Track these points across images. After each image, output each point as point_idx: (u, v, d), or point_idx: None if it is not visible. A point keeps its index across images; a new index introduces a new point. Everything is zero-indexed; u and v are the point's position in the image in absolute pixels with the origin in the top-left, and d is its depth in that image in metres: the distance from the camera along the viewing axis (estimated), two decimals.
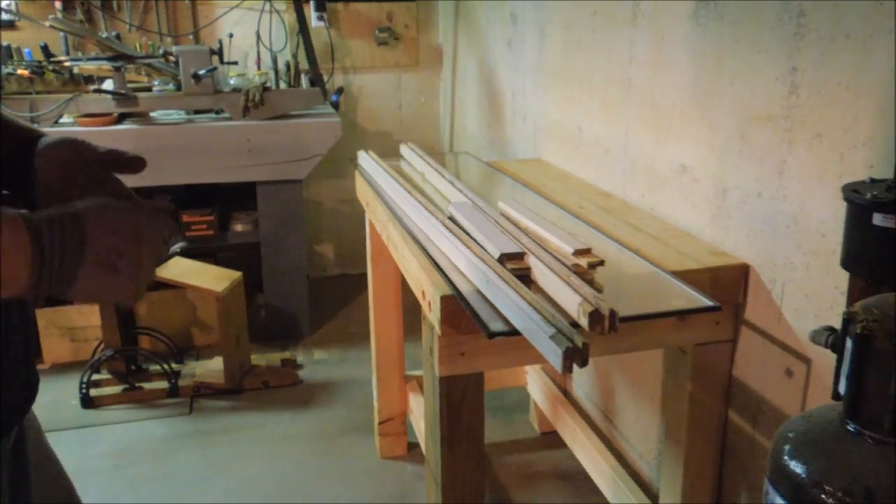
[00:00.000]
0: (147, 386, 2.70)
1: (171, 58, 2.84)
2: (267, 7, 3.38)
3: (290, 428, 2.52)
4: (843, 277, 1.08)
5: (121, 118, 2.87)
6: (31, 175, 0.83)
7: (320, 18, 3.36)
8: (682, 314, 1.32)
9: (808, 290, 1.32)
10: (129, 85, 2.86)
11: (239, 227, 3.09)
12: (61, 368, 2.84)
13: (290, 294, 3.11)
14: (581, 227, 1.62)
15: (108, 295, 0.69)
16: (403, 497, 2.17)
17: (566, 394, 2.38)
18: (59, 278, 0.64)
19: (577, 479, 2.17)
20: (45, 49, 2.89)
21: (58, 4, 3.14)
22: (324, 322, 3.31)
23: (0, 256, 0.59)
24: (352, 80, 3.65)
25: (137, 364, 2.73)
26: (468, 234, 1.43)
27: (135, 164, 0.86)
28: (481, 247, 1.35)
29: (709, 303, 1.24)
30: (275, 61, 3.40)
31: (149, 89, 2.95)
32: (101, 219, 0.67)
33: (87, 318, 2.88)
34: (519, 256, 1.31)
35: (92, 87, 2.78)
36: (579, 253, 1.33)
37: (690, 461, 1.52)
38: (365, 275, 2.31)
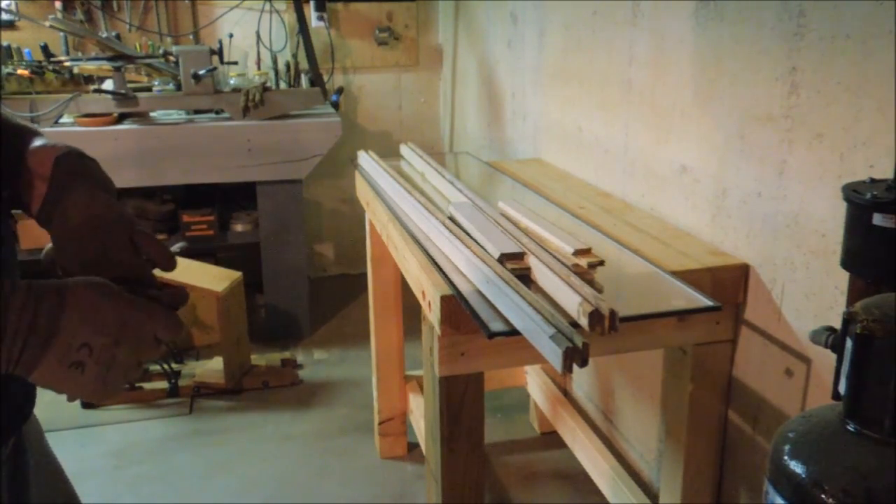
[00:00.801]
0: (147, 386, 2.69)
1: (171, 58, 2.84)
2: (267, 7, 3.38)
3: (290, 428, 2.52)
4: (843, 277, 1.08)
5: (121, 118, 2.86)
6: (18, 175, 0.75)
7: (320, 18, 3.36)
8: (682, 314, 1.32)
9: (808, 290, 1.32)
10: (129, 85, 2.86)
11: (239, 227, 3.09)
12: None
13: (290, 294, 3.11)
14: (581, 227, 1.62)
15: (67, 391, 0.62)
16: (403, 497, 2.17)
17: (566, 394, 2.38)
18: (18, 363, 0.59)
19: (577, 479, 2.17)
20: (45, 49, 2.89)
21: (58, 4, 3.14)
22: (324, 322, 3.31)
23: None
24: (352, 80, 3.65)
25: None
26: (468, 234, 1.43)
27: (166, 263, 0.74)
28: (481, 247, 1.35)
29: (709, 303, 1.25)
30: (275, 61, 3.40)
31: (149, 89, 2.95)
32: (83, 307, 0.60)
33: None
34: (519, 256, 1.31)
35: (92, 87, 2.78)
36: (579, 253, 1.33)
37: (690, 461, 1.52)
38: (365, 275, 2.31)
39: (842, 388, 0.80)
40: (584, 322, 1.10)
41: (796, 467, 0.77)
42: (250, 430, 2.51)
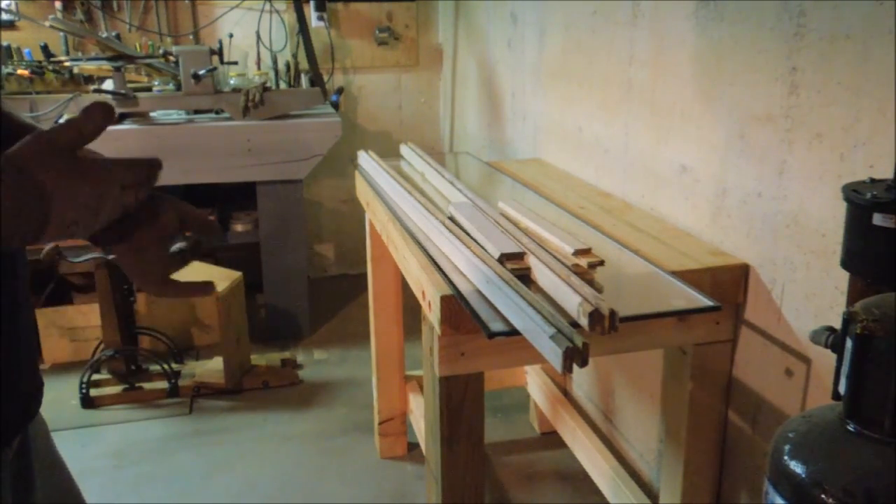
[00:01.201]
0: (147, 386, 2.69)
1: (171, 58, 2.84)
2: (267, 7, 3.38)
3: (290, 428, 2.52)
4: (843, 277, 1.08)
5: (121, 118, 2.86)
6: None
7: (320, 18, 3.36)
8: (682, 314, 1.32)
9: (808, 290, 1.32)
10: (129, 85, 2.86)
11: (239, 227, 3.09)
12: (61, 368, 2.84)
13: (290, 294, 3.11)
14: (581, 227, 1.62)
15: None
16: (403, 497, 2.17)
17: (566, 394, 2.38)
18: (19, 244, 0.64)
19: (577, 479, 2.17)
20: (45, 49, 2.89)
21: (58, 4, 3.14)
22: (324, 322, 3.31)
23: None
24: (352, 80, 3.65)
25: (137, 364, 2.73)
26: (468, 234, 1.43)
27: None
28: (481, 247, 1.36)
29: (709, 303, 1.25)
30: (275, 61, 3.40)
31: (149, 89, 2.95)
32: (65, 195, 0.64)
33: (87, 318, 2.88)
34: (519, 256, 1.31)
35: (92, 87, 2.79)
36: (579, 253, 1.33)
37: (690, 461, 1.52)
38: (365, 275, 2.31)
39: (842, 388, 0.80)
40: (584, 322, 1.10)
41: (796, 467, 0.77)
42: (250, 430, 2.51)
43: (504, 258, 1.30)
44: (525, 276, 1.27)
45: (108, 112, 0.67)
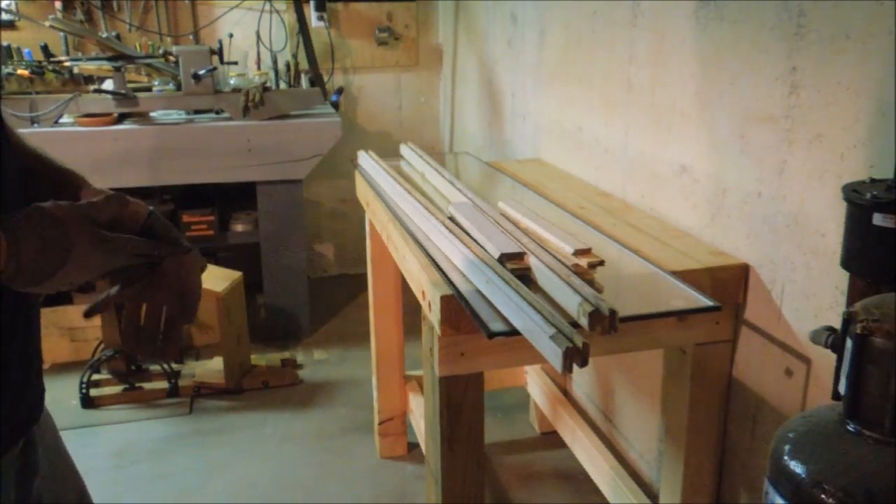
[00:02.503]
0: (147, 386, 2.69)
1: (171, 58, 2.84)
2: (267, 7, 3.38)
3: (290, 428, 2.52)
4: (843, 277, 1.09)
5: (121, 118, 2.86)
6: None
7: (320, 18, 3.36)
8: (682, 314, 1.32)
9: (808, 290, 1.32)
10: (129, 85, 2.86)
11: (239, 227, 3.09)
12: (61, 368, 2.84)
13: (290, 294, 3.11)
14: (581, 227, 1.62)
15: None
16: (403, 497, 2.17)
17: (566, 394, 2.38)
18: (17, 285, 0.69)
19: (577, 479, 2.17)
20: (45, 49, 2.89)
21: (58, 4, 3.14)
22: (324, 322, 3.31)
23: None
24: (352, 80, 3.65)
25: (137, 364, 2.73)
26: (468, 234, 1.43)
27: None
28: (481, 247, 1.36)
29: (709, 303, 1.25)
30: (275, 61, 3.40)
31: (149, 89, 2.95)
32: (79, 262, 0.70)
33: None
34: (519, 256, 1.31)
35: (92, 87, 2.78)
36: (579, 253, 1.33)
37: (690, 461, 1.52)
38: (365, 275, 2.31)
39: (842, 388, 0.81)
40: (584, 322, 1.10)
41: (796, 467, 0.77)
42: (250, 430, 2.51)
43: (504, 258, 1.30)
44: (525, 276, 1.27)
45: (127, 204, 0.77)
